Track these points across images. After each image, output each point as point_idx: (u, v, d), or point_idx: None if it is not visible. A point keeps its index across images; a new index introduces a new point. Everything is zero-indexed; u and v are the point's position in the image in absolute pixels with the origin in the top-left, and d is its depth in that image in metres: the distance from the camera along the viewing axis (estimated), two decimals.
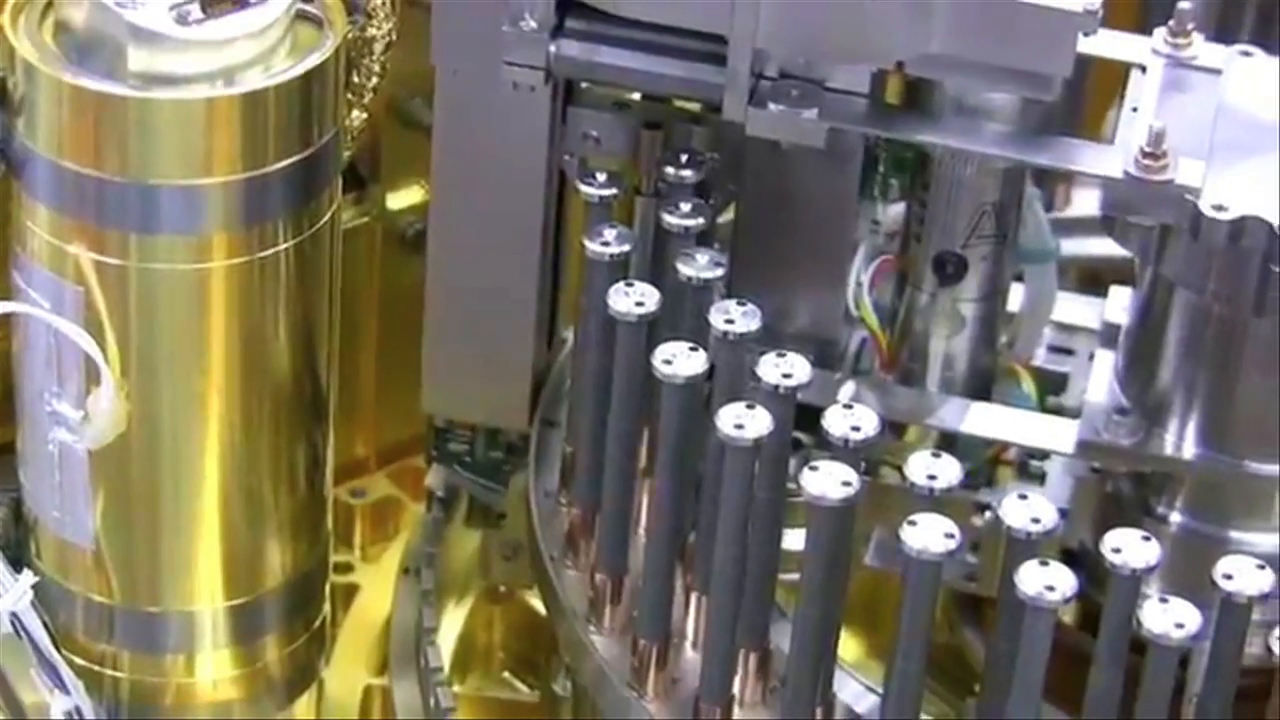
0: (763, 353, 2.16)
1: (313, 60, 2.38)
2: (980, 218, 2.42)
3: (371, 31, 2.55)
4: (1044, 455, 2.46)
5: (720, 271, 2.27)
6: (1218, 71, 2.40)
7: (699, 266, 2.26)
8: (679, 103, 2.41)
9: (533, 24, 2.33)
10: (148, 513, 2.51)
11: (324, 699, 2.72)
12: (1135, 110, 2.36)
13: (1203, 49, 2.43)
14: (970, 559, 2.25)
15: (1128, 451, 2.41)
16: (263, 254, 2.41)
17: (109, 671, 2.60)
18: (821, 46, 2.30)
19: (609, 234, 2.31)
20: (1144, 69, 2.41)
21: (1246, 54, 2.45)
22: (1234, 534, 2.37)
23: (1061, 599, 2.00)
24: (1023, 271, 2.51)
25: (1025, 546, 2.05)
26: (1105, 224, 2.37)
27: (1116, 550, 2.01)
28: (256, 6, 2.36)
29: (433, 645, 2.57)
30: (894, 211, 2.44)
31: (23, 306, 2.44)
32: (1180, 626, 1.98)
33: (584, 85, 2.42)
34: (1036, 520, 2.06)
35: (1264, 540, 2.36)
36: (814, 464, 2.08)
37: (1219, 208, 2.24)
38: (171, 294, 2.41)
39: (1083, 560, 2.11)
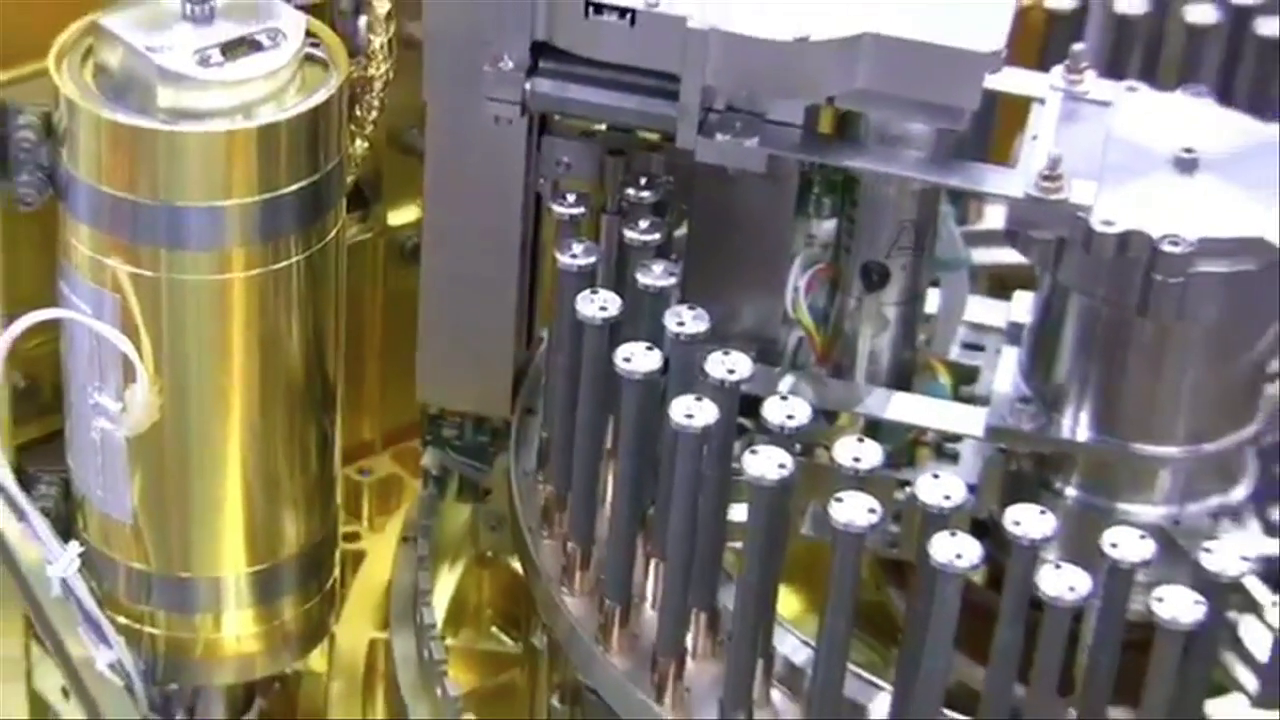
0: (710, 351, 2.16)
1: (319, 97, 2.38)
2: (901, 232, 2.42)
3: (371, 71, 2.55)
4: (957, 438, 2.45)
5: (673, 280, 2.27)
6: (1107, 104, 2.41)
7: (655, 276, 2.26)
8: (639, 133, 2.39)
9: (510, 65, 2.33)
10: (178, 491, 2.51)
11: (335, 651, 2.73)
12: (1035, 138, 2.36)
13: (1094, 84, 2.43)
14: (893, 529, 2.25)
15: (1029, 435, 2.42)
16: (276, 266, 2.40)
17: (146, 629, 2.58)
18: (762, 84, 2.30)
19: (577, 248, 2.30)
20: (1043, 102, 2.41)
21: (1132, 89, 2.45)
22: (1121, 507, 2.37)
23: (969, 566, 2.00)
24: (938, 278, 2.50)
25: (937, 519, 2.05)
26: (1009, 237, 2.37)
27: (1016, 523, 2.02)
28: (269, 50, 2.36)
29: (428, 605, 2.56)
30: (826, 227, 2.44)
31: (68, 312, 2.43)
32: (1072, 589, 1.99)
33: (556, 118, 2.40)
34: (948, 497, 2.06)
35: (1147, 512, 2.36)
36: (754, 448, 2.09)
37: (1107, 223, 2.25)
38: (197, 301, 2.40)
39: (991, 529, 2.11)
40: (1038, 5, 2.83)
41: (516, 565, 2.50)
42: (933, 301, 2.53)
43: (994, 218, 2.56)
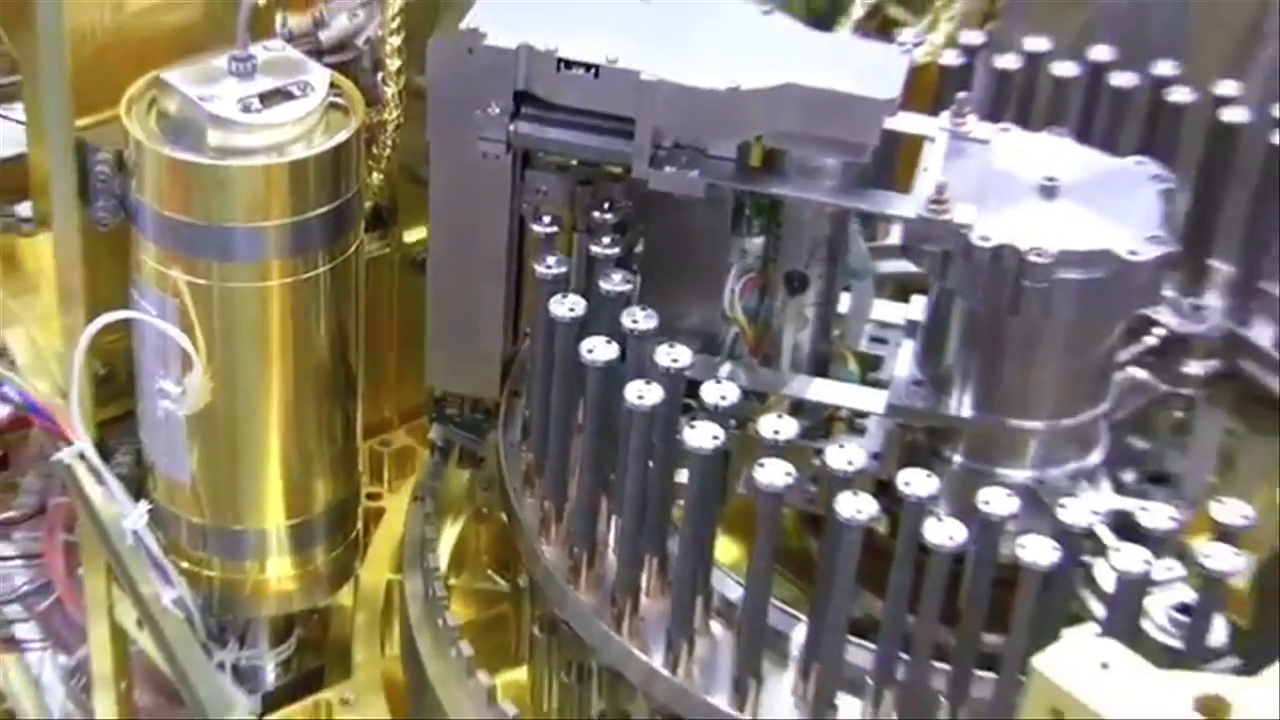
0: (659, 344, 2.16)
1: (340, 137, 2.38)
2: (817, 246, 2.41)
3: (386, 117, 2.55)
4: (864, 415, 2.43)
5: (630, 286, 2.26)
6: (986, 142, 2.39)
7: (614, 283, 2.25)
8: (603, 166, 2.38)
9: (497, 111, 2.31)
10: (228, 458, 2.50)
11: (359, 589, 2.72)
12: (926, 170, 2.34)
13: (975, 126, 2.41)
14: (811, 488, 2.23)
15: (921, 412, 2.40)
16: (306, 275, 2.40)
17: (204, 572, 2.58)
18: (701, 125, 2.29)
19: (551, 260, 2.29)
20: (933, 140, 2.39)
21: (1006, 130, 2.44)
22: (997, 470, 2.34)
23: (867, 519, 1.99)
24: (849, 284, 2.48)
25: (842, 481, 2.03)
26: (905, 250, 2.35)
27: (907, 483, 2.01)
28: (300, 99, 2.36)
29: (433, 552, 2.55)
30: (756, 242, 2.42)
31: (138, 314, 2.43)
32: (951, 538, 1.97)
33: (537, 154, 2.38)
34: (851, 462, 2.05)
35: (1017, 475, 2.34)
36: (693, 423, 2.08)
37: (984, 238, 2.23)
38: (242, 304, 2.40)
39: (890, 490, 2.10)
40: (932, 63, 2.82)
41: (505, 519, 2.48)
42: (844, 303, 2.50)
43: (894, 235, 2.53)
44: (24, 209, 2.82)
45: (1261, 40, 3.02)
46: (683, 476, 2.15)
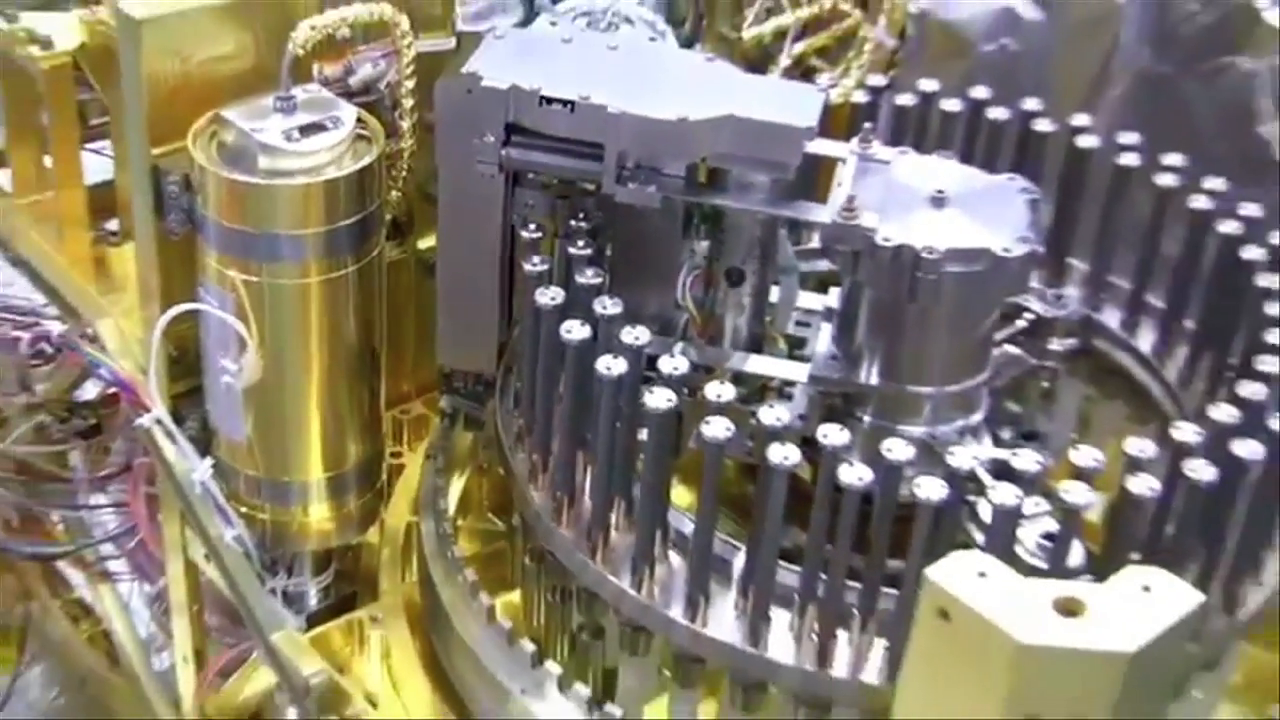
0: (624, 326, 2.16)
1: (364, 162, 2.36)
2: (752, 247, 2.41)
3: (402, 145, 2.53)
4: (792, 384, 2.43)
5: (600, 280, 2.25)
6: (887, 162, 2.39)
7: (587, 277, 2.24)
8: (578, 183, 2.38)
9: (491, 139, 2.32)
10: (277, 423, 2.49)
11: (384, 530, 2.69)
12: (839, 185, 2.35)
13: (879, 149, 2.41)
14: (749, 443, 2.22)
15: (838, 381, 2.39)
16: (338, 274, 2.39)
17: (258, 516, 2.57)
18: (657, 149, 2.30)
19: (536, 259, 2.29)
20: (845, 161, 2.40)
21: (904, 152, 2.43)
22: (899, 427, 2.34)
23: (791, 465, 2.01)
24: (778, 279, 2.48)
25: (772, 434, 2.04)
26: (824, 250, 2.36)
27: (825, 436, 2.01)
28: (332, 131, 2.35)
29: (443, 498, 2.54)
30: (702, 244, 2.41)
31: (203, 306, 2.42)
32: (860, 479, 1.98)
33: (524, 174, 2.38)
34: (779, 419, 2.06)
35: (915, 430, 2.34)
36: (651, 390, 2.08)
37: (886, 240, 2.23)
38: (287, 298, 2.39)
39: (813, 443, 2.09)
40: (846, 102, 2.82)
41: (502, 471, 2.47)
42: (775, 294, 2.49)
43: (815, 240, 2.54)
44: (112, 225, 2.83)
45: (1109, 81, 3.03)
46: (644, 434, 2.16)
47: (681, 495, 2.35)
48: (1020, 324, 2.57)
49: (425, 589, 2.53)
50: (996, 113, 2.66)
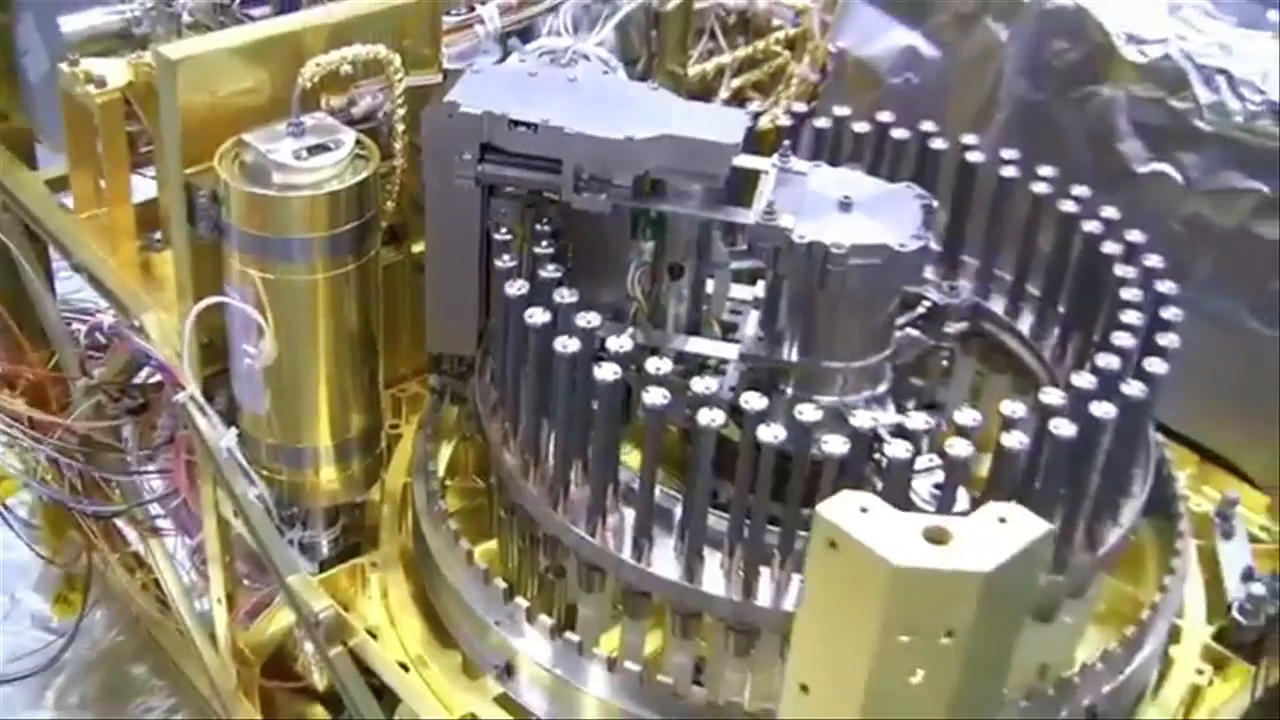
0: (579, 312, 2.16)
1: (361, 177, 2.36)
2: (690, 246, 2.41)
3: (395, 164, 2.53)
4: (725, 361, 2.42)
5: (559, 274, 2.25)
6: (804, 173, 2.39)
7: (550, 271, 2.24)
8: (543, 193, 2.37)
9: (468, 157, 2.32)
10: (291, 398, 2.48)
11: (384, 490, 2.68)
12: (761, 193, 2.35)
13: (796, 163, 2.41)
14: (688, 411, 2.21)
15: (763, 359, 2.39)
16: (339, 271, 2.38)
17: (276, 477, 2.55)
18: (607, 164, 2.29)
19: (507, 258, 2.29)
20: (767, 172, 2.39)
21: (818, 165, 2.44)
22: (815, 397, 2.33)
23: (717, 425, 2.03)
24: (713, 272, 2.48)
25: (702, 400, 2.06)
26: (750, 248, 2.35)
27: (747, 402, 2.04)
28: (335, 150, 2.35)
29: (433, 461, 2.54)
30: (648, 245, 2.42)
31: (227, 300, 2.41)
32: (776, 437, 2.00)
33: (497, 187, 2.38)
34: (708, 388, 2.08)
35: (828, 399, 2.33)
36: (600, 365, 2.09)
37: (801, 237, 2.24)
38: (298, 292, 2.39)
39: (742, 410, 2.08)
40: (773, 125, 2.82)
41: (481, 440, 2.47)
42: (710, 286, 2.49)
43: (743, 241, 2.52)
44: (157, 235, 2.82)
45: (996, 107, 3.03)
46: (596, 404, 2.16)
47: (634, 457, 2.31)
48: (920, 310, 2.58)
49: (417, 539, 2.53)
50: (899, 133, 2.65)
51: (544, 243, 2.32)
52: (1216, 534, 2.71)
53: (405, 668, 2.44)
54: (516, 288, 2.23)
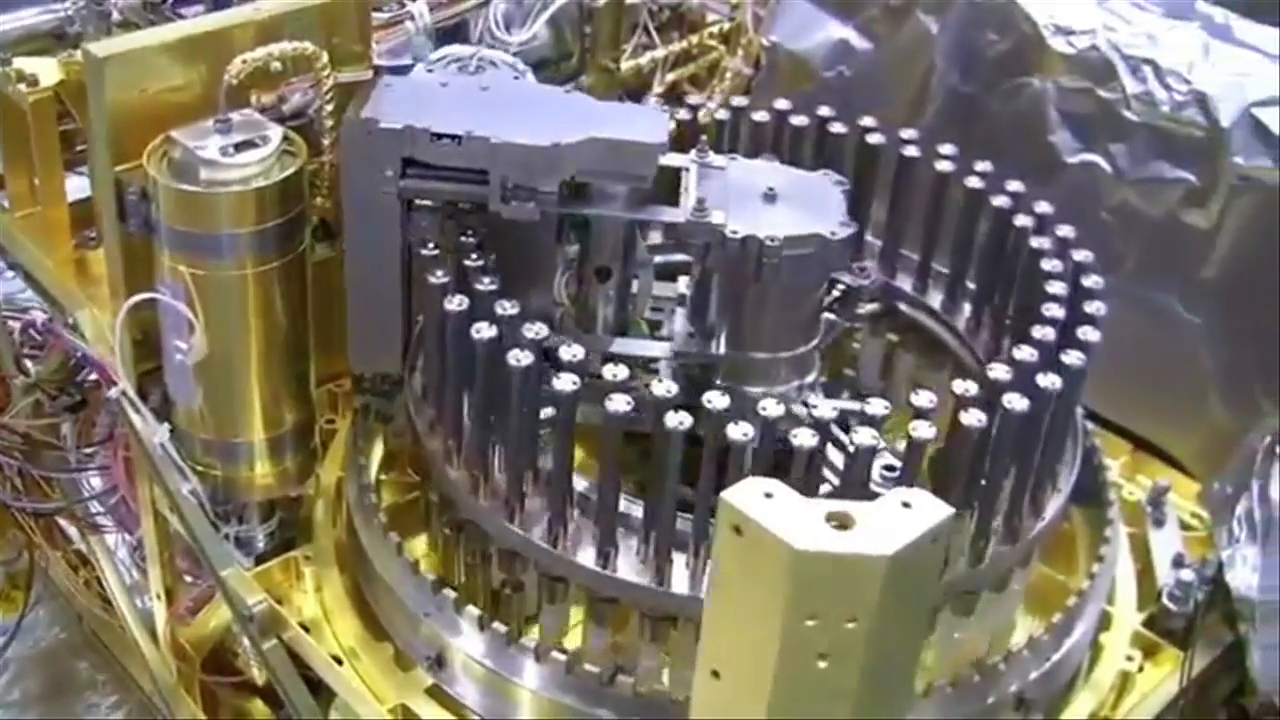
0: (524, 323, 2.17)
1: (288, 172, 2.36)
2: (616, 248, 2.41)
3: (325, 159, 2.53)
4: (654, 360, 2.43)
5: (495, 285, 2.25)
6: (723, 168, 2.42)
7: (486, 284, 2.25)
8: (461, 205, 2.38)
9: (390, 173, 2.32)
10: (223, 393, 2.48)
11: (319, 484, 2.68)
12: (687, 189, 2.37)
13: (714, 157, 2.44)
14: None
15: (696, 355, 2.41)
16: (268, 267, 2.38)
17: (210, 472, 2.55)
18: (534, 171, 2.28)
19: (440, 273, 2.28)
20: (688, 169, 2.41)
21: (734, 158, 2.48)
22: (746, 389, 2.34)
23: (684, 428, 2.05)
24: (637, 272, 2.47)
25: (665, 404, 2.07)
26: (677, 245, 2.38)
27: (709, 401, 2.06)
28: (262, 147, 2.34)
29: (364, 457, 2.58)
30: (572, 249, 2.42)
31: (159, 296, 2.41)
32: (746, 434, 2.02)
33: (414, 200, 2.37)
34: (668, 392, 2.10)
35: (758, 390, 2.34)
36: (558, 375, 2.11)
37: (734, 232, 2.26)
38: (227, 286, 2.38)
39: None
40: (711, 120, 2.82)
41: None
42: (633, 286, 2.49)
43: (654, 237, 2.52)
44: (93, 232, 2.81)
45: (928, 98, 3.05)
46: (546, 412, 2.18)
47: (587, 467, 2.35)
48: (834, 294, 2.56)
49: (350, 532, 2.54)
50: (837, 127, 2.68)
51: (474, 255, 2.30)
52: (1148, 522, 2.72)
53: (339, 661, 2.44)
54: (456, 303, 2.22)
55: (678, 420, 2.04)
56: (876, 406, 2.12)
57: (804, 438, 2.01)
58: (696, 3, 3.28)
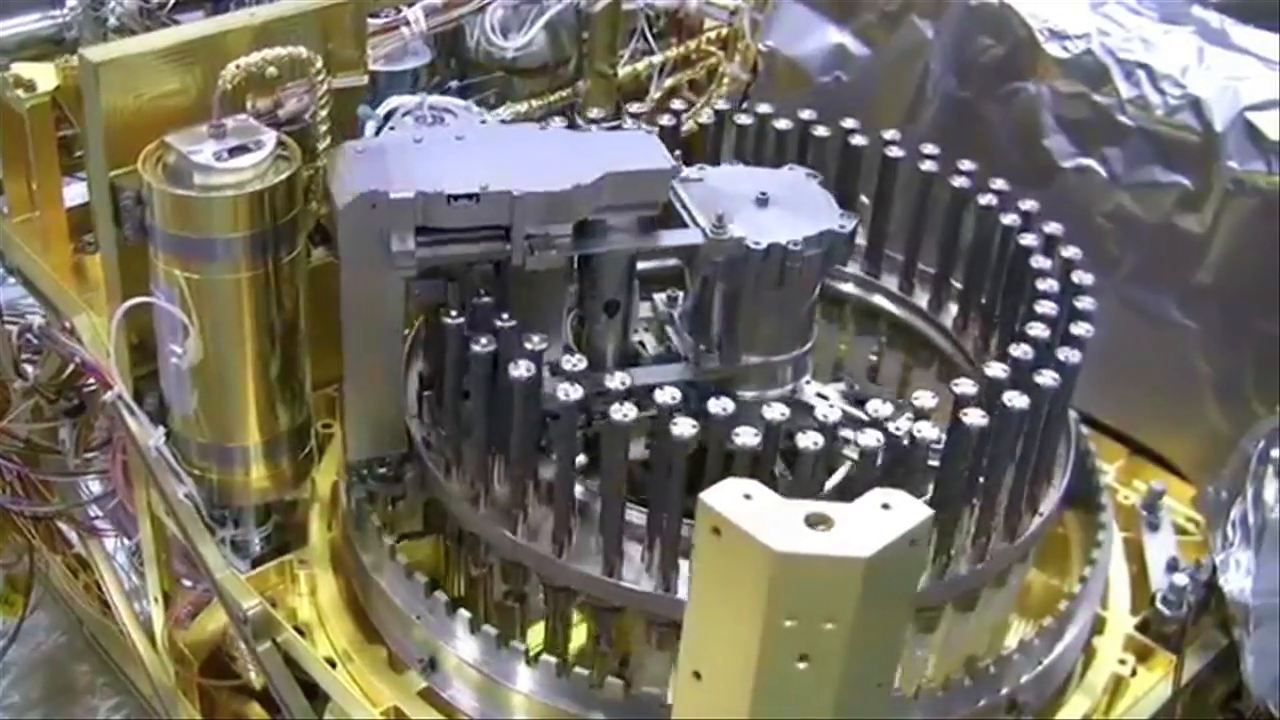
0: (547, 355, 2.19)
1: (283, 176, 2.36)
2: (622, 280, 2.38)
3: (320, 163, 2.53)
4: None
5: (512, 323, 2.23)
6: (701, 179, 2.42)
7: (534, 343, 2.20)
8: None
9: (409, 245, 2.21)
10: (217, 397, 2.48)
11: (315, 489, 2.70)
12: (685, 208, 2.35)
13: (689, 171, 2.45)
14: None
15: (716, 370, 2.41)
16: (263, 270, 2.39)
17: (206, 475, 2.55)
18: (554, 218, 2.22)
19: (484, 339, 2.21)
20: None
21: (701, 169, 2.48)
22: (745, 392, 2.35)
23: (691, 435, 2.05)
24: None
25: (672, 411, 2.08)
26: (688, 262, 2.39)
27: (716, 408, 2.08)
28: (256, 151, 2.35)
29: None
30: (572, 288, 2.40)
31: (155, 300, 2.42)
32: (740, 437, 2.03)
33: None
34: (673, 398, 2.10)
35: (749, 394, 2.35)
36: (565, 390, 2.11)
37: (756, 243, 2.28)
38: (222, 291, 2.38)
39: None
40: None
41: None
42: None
43: None
44: (91, 237, 2.83)
45: (924, 104, 3.06)
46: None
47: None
48: None
49: (344, 537, 2.56)
50: (820, 130, 2.69)
51: (504, 315, 2.25)
52: (1142, 526, 2.73)
53: (332, 663, 2.46)
54: (482, 344, 2.19)
55: (686, 427, 2.04)
56: (880, 407, 2.14)
57: (810, 439, 2.02)
58: (694, 8, 3.29)
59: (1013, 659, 2.32)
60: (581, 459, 2.25)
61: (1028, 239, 2.47)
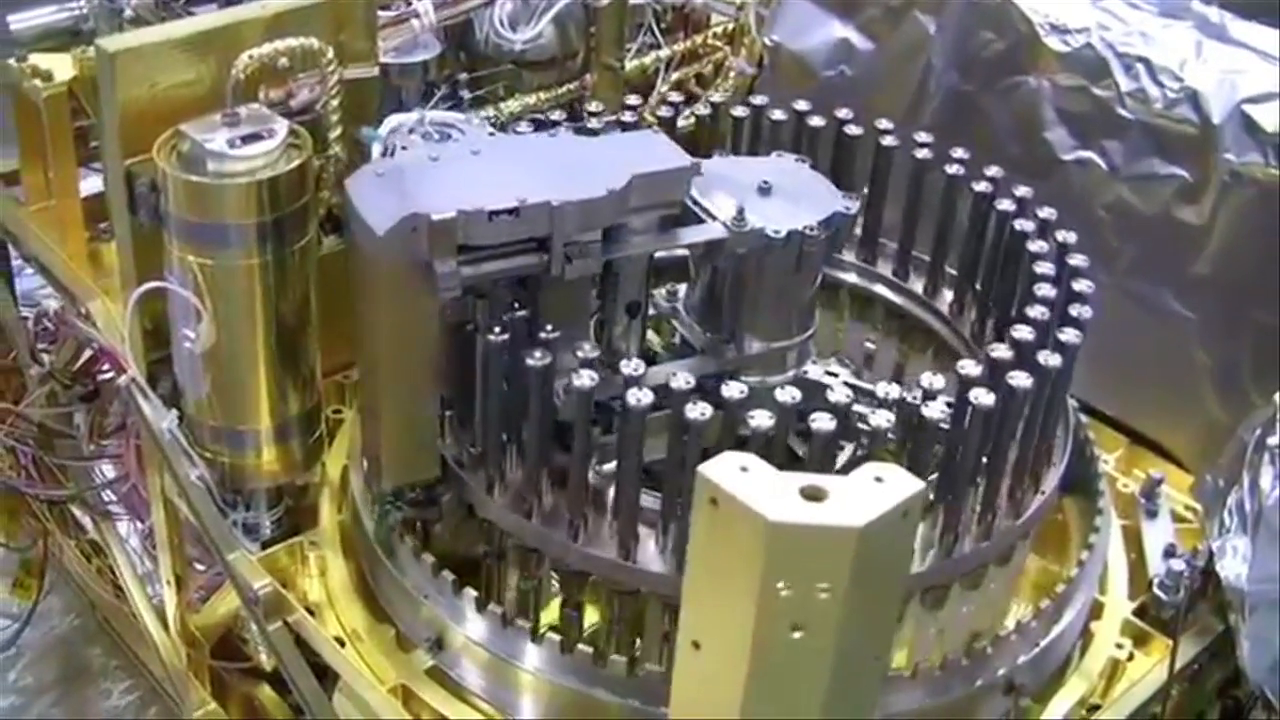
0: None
1: (294, 164, 2.41)
2: (642, 280, 2.39)
3: (331, 152, 2.58)
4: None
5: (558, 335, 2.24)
6: (700, 174, 2.38)
7: (587, 352, 2.23)
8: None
9: (451, 267, 2.18)
10: (230, 381, 2.52)
11: (325, 472, 2.74)
12: (698, 203, 2.37)
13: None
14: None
15: (732, 359, 2.43)
16: (275, 256, 2.43)
17: (218, 459, 2.59)
18: (590, 225, 2.22)
19: (538, 353, 2.19)
20: None
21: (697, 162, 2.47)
22: (768, 379, 2.40)
23: (705, 419, 2.07)
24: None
25: (685, 395, 2.12)
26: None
27: (729, 392, 2.12)
28: (268, 139, 2.39)
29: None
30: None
31: (169, 285, 2.46)
32: (703, 414, 2.07)
33: None
34: (687, 382, 2.13)
35: (753, 379, 2.37)
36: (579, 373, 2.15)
37: (776, 231, 2.31)
38: (234, 276, 2.43)
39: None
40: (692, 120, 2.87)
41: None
42: None
43: None
44: (106, 225, 2.87)
45: (927, 98, 3.09)
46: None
47: None
48: None
49: (353, 519, 2.60)
50: (815, 120, 2.73)
51: (549, 327, 2.25)
52: (1141, 514, 2.76)
53: (341, 643, 2.50)
54: (537, 358, 2.18)
55: (700, 411, 2.07)
56: (890, 389, 2.19)
57: (822, 421, 2.06)
58: (700, 3, 3.33)
59: (1010, 640, 2.36)
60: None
61: (1023, 224, 2.51)
